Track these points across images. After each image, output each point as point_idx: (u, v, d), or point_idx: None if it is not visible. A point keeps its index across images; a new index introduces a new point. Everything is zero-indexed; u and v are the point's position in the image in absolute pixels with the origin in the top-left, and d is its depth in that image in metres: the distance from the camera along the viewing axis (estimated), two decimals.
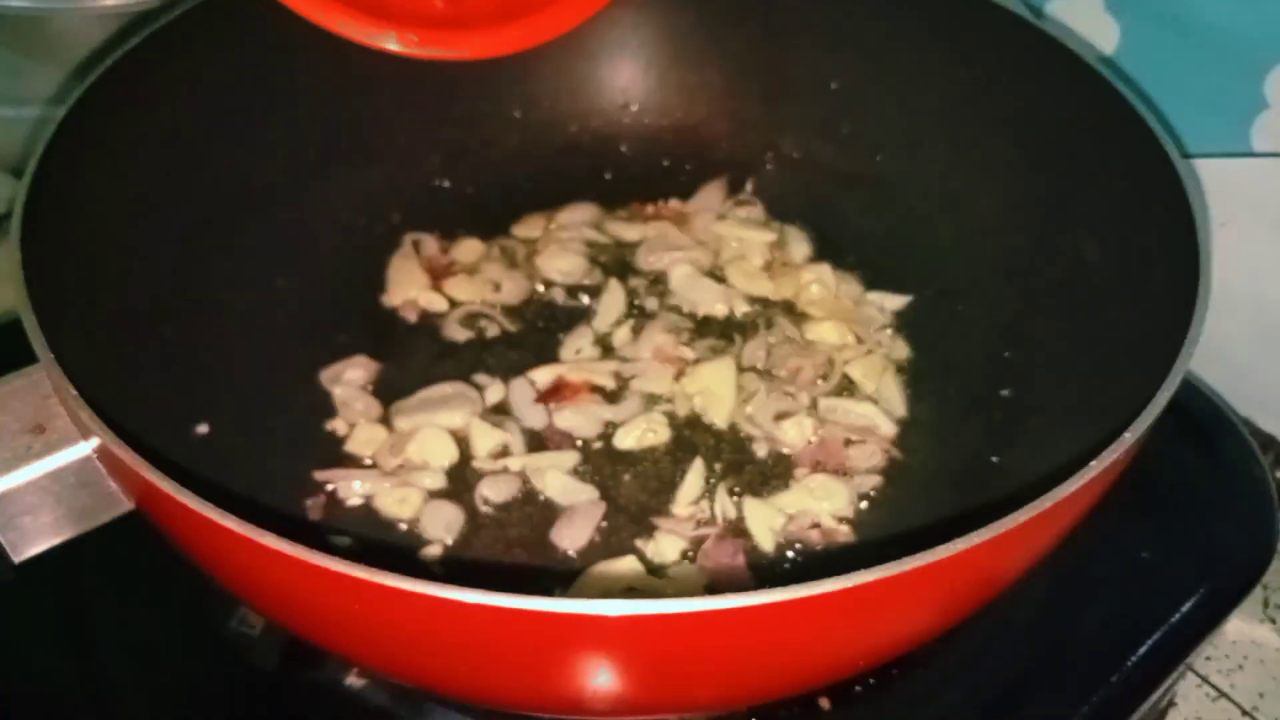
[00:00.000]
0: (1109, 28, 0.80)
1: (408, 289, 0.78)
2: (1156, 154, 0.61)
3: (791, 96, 0.85)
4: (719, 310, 0.77)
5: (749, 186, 0.86)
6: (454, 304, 0.78)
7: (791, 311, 0.77)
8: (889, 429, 0.70)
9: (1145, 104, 0.63)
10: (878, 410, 0.71)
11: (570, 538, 0.64)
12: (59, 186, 0.58)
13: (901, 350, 0.75)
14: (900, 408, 0.71)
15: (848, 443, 0.69)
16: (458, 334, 0.76)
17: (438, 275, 0.79)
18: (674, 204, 0.85)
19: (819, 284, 0.78)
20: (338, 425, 0.70)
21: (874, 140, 0.82)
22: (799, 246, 0.82)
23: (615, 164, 0.87)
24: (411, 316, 0.77)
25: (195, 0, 0.69)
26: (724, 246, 0.82)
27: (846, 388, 0.72)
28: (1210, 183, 0.77)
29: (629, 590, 0.61)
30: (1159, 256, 0.60)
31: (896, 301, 0.78)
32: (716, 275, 0.80)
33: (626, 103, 0.88)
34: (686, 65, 0.87)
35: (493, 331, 0.76)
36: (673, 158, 0.88)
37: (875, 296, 0.78)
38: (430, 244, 0.81)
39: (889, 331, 0.76)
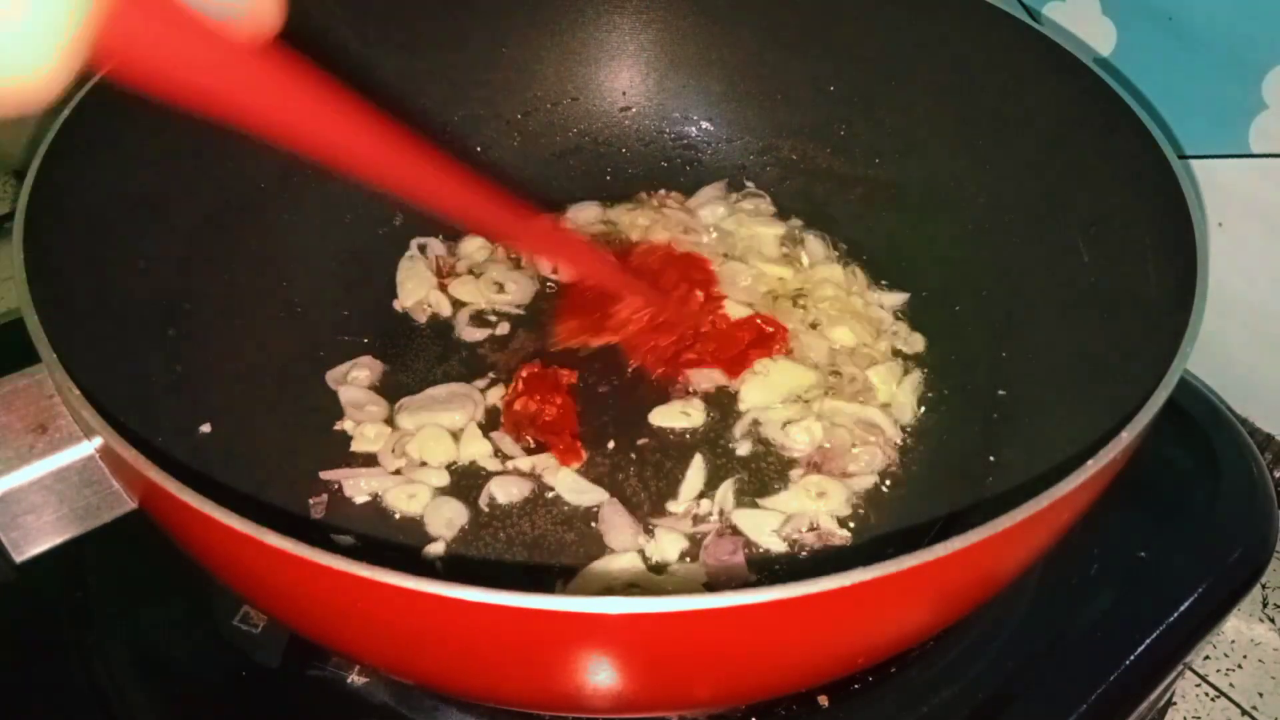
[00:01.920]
0: (1106, 30, 0.80)
1: (418, 291, 0.78)
2: (1153, 155, 0.61)
3: (789, 100, 0.85)
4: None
5: (747, 189, 0.86)
6: (459, 305, 0.78)
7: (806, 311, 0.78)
8: (894, 433, 0.70)
9: (1142, 105, 0.63)
10: (882, 414, 0.70)
11: (622, 540, 0.64)
12: (62, 187, 0.58)
13: (917, 342, 0.75)
14: (909, 415, 0.71)
15: (852, 445, 0.69)
16: (464, 334, 0.76)
17: (444, 277, 0.79)
18: (678, 195, 0.85)
19: (831, 284, 0.78)
20: (345, 425, 0.70)
21: (871, 142, 0.83)
22: (814, 247, 0.82)
23: (615, 166, 0.88)
24: (421, 318, 0.77)
25: None
26: (734, 240, 0.82)
27: (863, 391, 0.72)
28: (1207, 183, 0.78)
29: (630, 586, 0.62)
30: (1156, 256, 0.60)
31: (895, 299, 0.78)
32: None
33: (627, 106, 0.88)
34: (685, 69, 0.87)
35: (502, 330, 0.76)
36: (672, 160, 0.88)
37: (874, 296, 0.79)
38: (436, 246, 0.81)
39: (904, 326, 0.76)
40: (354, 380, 0.72)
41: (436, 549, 0.64)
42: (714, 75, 0.87)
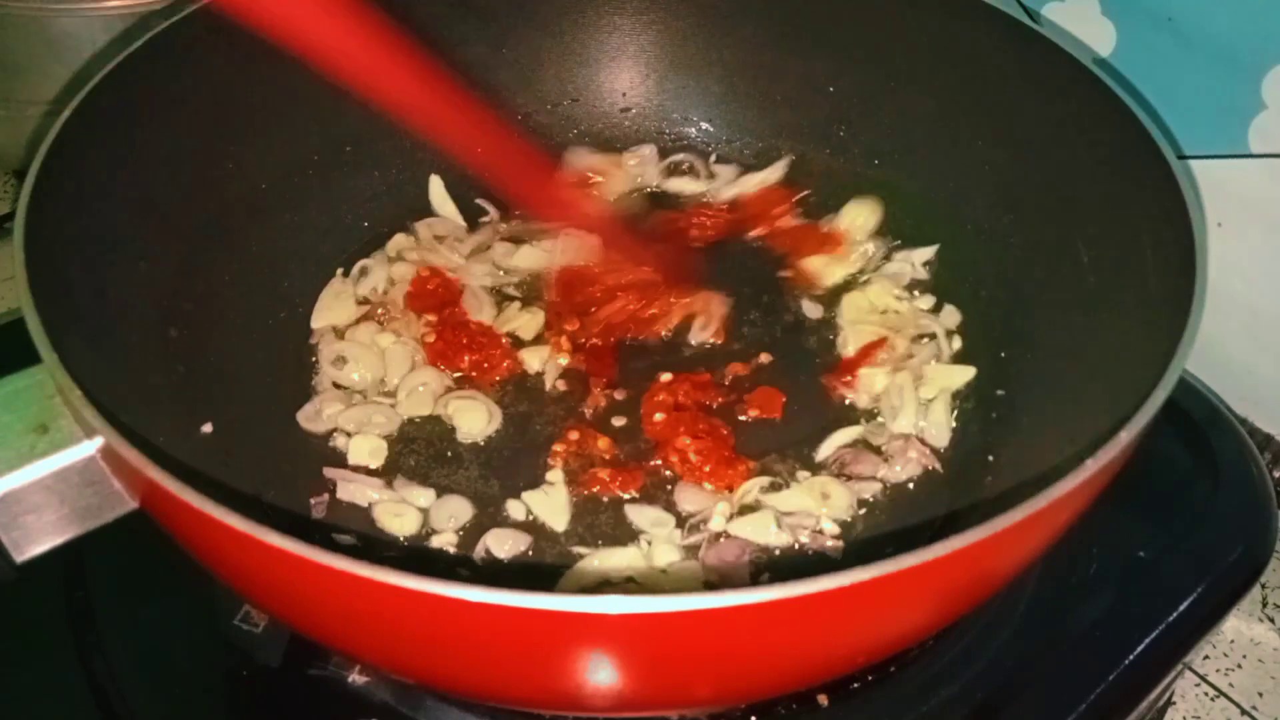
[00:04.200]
0: (1106, 30, 0.81)
1: (331, 316, 0.75)
2: (1152, 155, 0.61)
3: (789, 100, 0.85)
4: None
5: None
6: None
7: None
8: (940, 442, 0.69)
9: (1142, 105, 0.63)
10: (942, 422, 0.70)
11: (698, 502, 0.65)
12: (63, 187, 0.58)
13: (953, 317, 0.76)
14: (945, 437, 0.69)
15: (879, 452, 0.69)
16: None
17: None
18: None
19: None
20: (337, 442, 0.69)
21: (870, 143, 0.83)
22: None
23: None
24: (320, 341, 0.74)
25: (199, 2, 0.69)
26: None
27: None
28: (1207, 183, 0.78)
29: (628, 581, 0.62)
30: (1155, 257, 0.60)
31: (924, 254, 0.79)
32: None
33: (627, 107, 0.88)
34: (685, 70, 0.87)
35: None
36: (671, 161, 0.88)
37: (902, 255, 0.79)
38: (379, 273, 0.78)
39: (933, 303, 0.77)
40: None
41: (443, 540, 0.64)
42: (714, 76, 0.87)
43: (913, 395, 0.70)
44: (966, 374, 0.72)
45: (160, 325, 0.65)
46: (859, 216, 0.81)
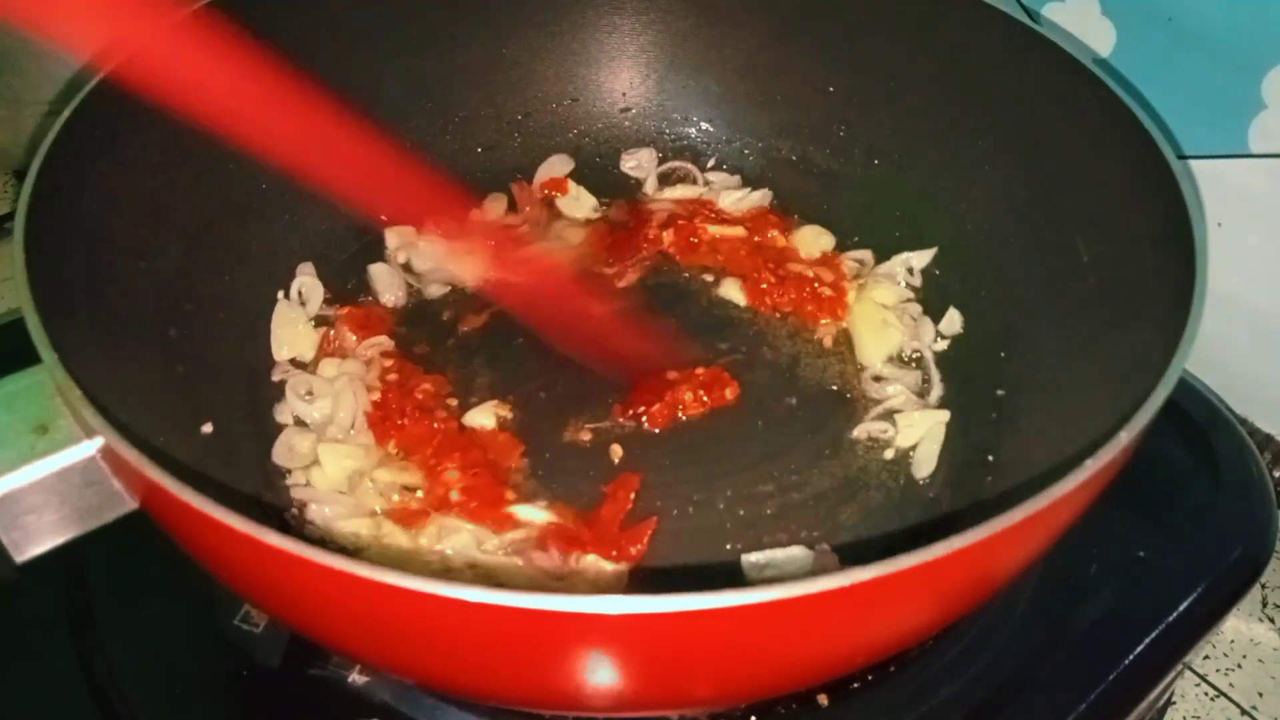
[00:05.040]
0: (1105, 30, 0.81)
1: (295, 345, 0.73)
2: (1152, 155, 0.61)
3: (789, 100, 0.85)
4: None
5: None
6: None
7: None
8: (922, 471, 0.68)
9: (1142, 105, 0.63)
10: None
11: None
12: (63, 187, 0.58)
13: (955, 323, 0.75)
14: (929, 467, 0.68)
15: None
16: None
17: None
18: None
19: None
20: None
21: (869, 143, 0.83)
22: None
23: (615, 167, 0.88)
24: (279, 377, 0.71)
25: (200, 2, 0.69)
26: None
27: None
28: (1207, 183, 0.78)
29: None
30: (1155, 257, 0.60)
31: (924, 258, 0.78)
32: None
33: (627, 107, 0.88)
34: (685, 70, 0.87)
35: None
36: (671, 161, 0.88)
37: (902, 257, 0.79)
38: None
39: (919, 309, 0.77)
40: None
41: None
42: (714, 76, 0.87)
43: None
44: (927, 420, 0.70)
45: (160, 325, 0.65)
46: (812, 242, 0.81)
